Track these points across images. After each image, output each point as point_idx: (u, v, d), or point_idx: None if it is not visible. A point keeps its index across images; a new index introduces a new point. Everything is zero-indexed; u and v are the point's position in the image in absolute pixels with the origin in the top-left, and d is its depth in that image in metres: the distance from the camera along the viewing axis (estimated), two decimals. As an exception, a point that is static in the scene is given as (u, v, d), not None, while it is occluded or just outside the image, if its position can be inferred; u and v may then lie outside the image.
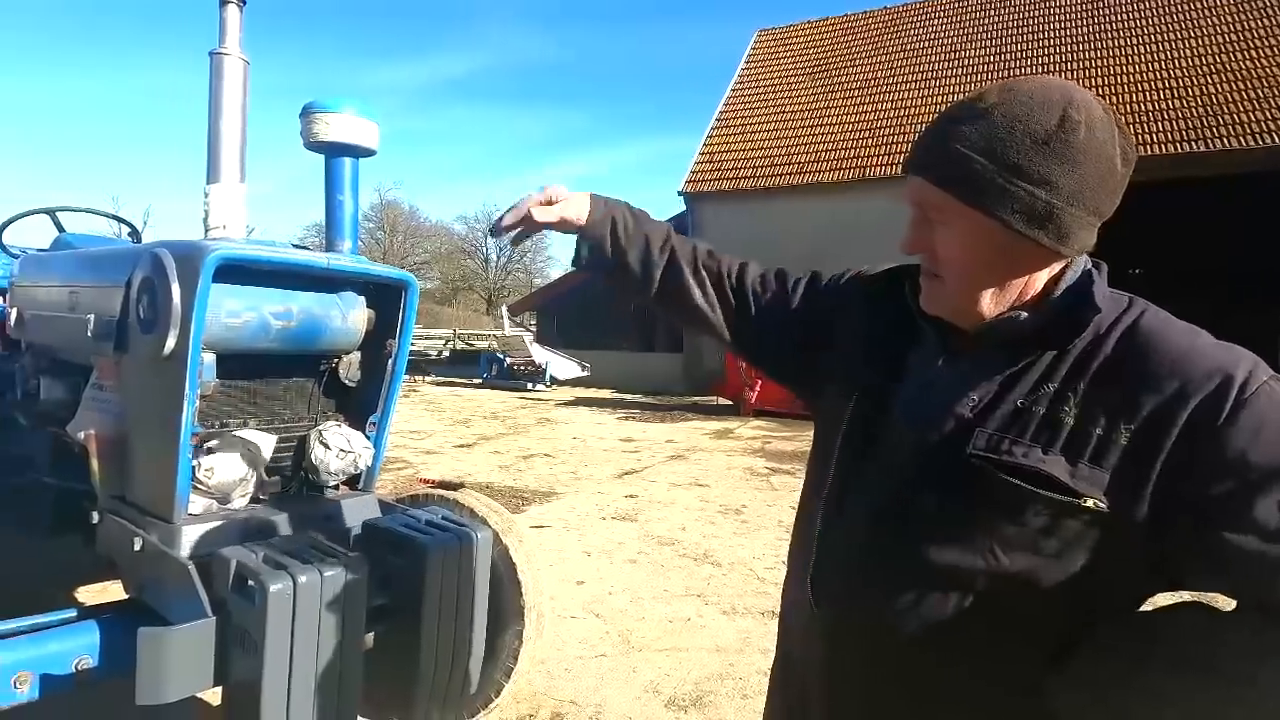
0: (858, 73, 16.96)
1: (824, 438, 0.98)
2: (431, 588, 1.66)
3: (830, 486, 0.93)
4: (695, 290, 1.09)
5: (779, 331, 1.09)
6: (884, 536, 0.85)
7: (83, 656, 1.67)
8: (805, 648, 0.96)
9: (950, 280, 0.83)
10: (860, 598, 0.87)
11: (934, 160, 0.80)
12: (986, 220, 0.77)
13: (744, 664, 3.17)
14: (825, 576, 0.92)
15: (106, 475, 1.81)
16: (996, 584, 0.77)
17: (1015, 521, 0.76)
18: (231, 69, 2.18)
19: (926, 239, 0.84)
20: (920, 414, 0.85)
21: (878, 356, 0.94)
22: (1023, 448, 0.76)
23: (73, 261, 2.17)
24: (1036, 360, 0.80)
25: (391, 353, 2.01)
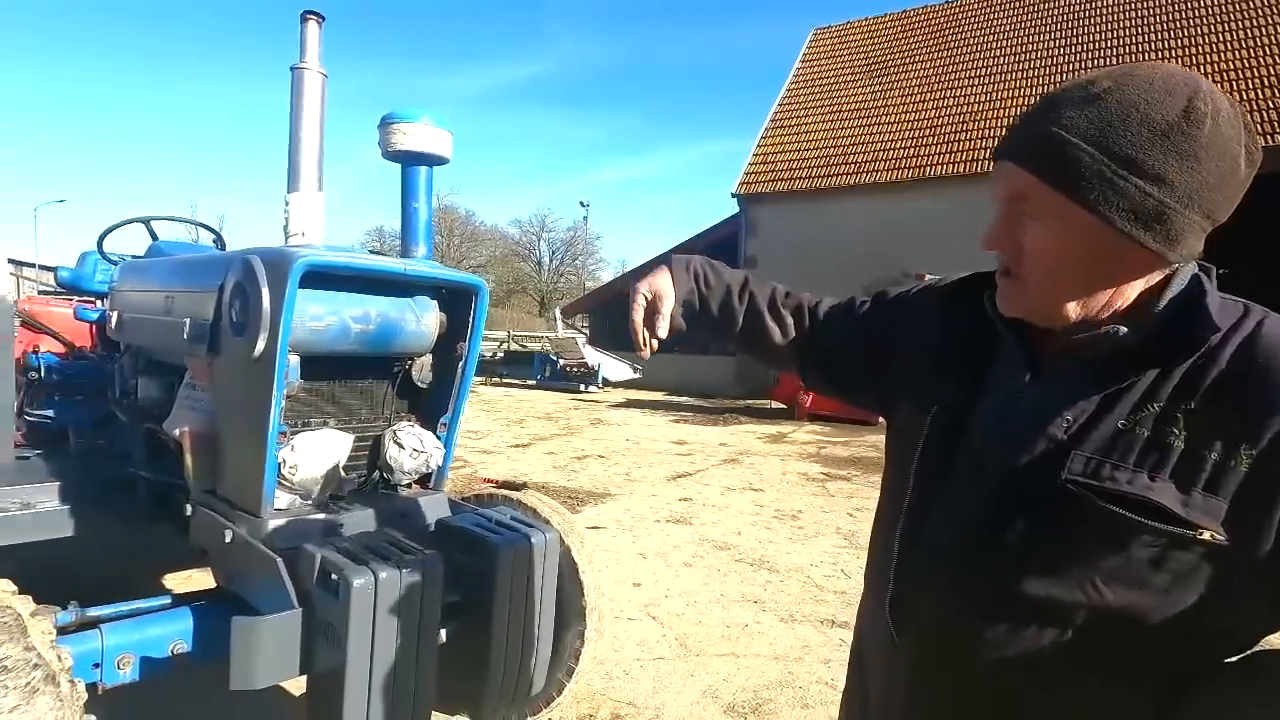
0: (917, 69, 16.54)
1: (900, 457, 0.93)
2: (502, 586, 1.69)
3: (908, 509, 0.88)
4: (775, 330, 1.10)
5: (852, 356, 1.06)
6: (971, 566, 0.80)
7: (178, 641, 1.77)
8: (885, 679, 0.91)
9: (1033, 279, 0.76)
10: (946, 630, 0.82)
11: (1033, 147, 0.73)
12: (1087, 217, 0.70)
13: (804, 673, 3.12)
14: (906, 606, 0.87)
15: (199, 470, 1.91)
16: (1097, 619, 0.72)
17: (1119, 553, 0.70)
18: (311, 82, 2.27)
19: (1012, 234, 0.76)
20: (1007, 434, 0.79)
21: (954, 371, 0.88)
22: (1126, 473, 0.70)
23: (168, 267, 2.31)
24: (1139, 378, 0.73)
25: (462, 355, 2.07)
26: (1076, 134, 0.70)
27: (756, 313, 1.10)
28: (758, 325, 1.10)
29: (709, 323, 1.12)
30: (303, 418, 1.92)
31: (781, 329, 1.10)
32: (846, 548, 4.98)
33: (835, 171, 15.18)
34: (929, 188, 14.15)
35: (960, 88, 15.44)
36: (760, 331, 1.10)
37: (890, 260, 12.65)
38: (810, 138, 16.28)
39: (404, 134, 1.91)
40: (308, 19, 2.31)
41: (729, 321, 1.11)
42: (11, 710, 1.32)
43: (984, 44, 16.14)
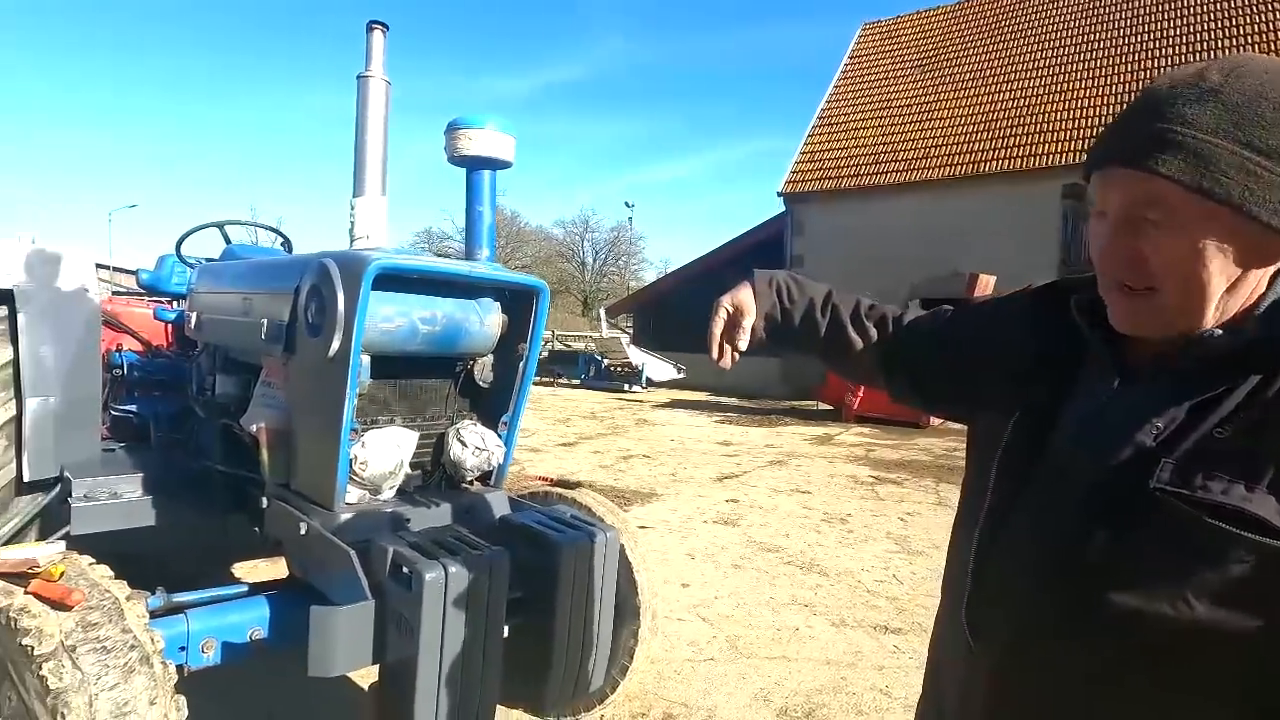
0: (971, 63, 16.09)
1: (981, 460, 0.91)
2: (564, 583, 1.72)
3: (986, 513, 0.86)
4: (857, 341, 1.10)
5: (937, 364, 1.06)
6: (1054, 573, 0.78)
7: (256, 628, 1.85)
8: (962, 687, 0.90)
9: (1174, 293, 0.72)
10: (1026, 639, 0.80)
11: (1156, 149, 0.68)
12: (1230, 216, 0.66)
13: (857, 679, 3.08)
14: (984, 612, 0.85)
15: (274, 465, 1.99)
16: (1186, 636, 0.69)
17: (1212, 567, 0.67)
18: (376, 90, 2.35)
19: (1135, 246, 0.72)
20: (1094, 441, 0.77)
21: (1039, 376, 0.86)
22: (1220, 483, 0.67)
23: (245, 270, 2.41)
24: (1236, 385, 0.70)
25: (522, 355, 2.11)
26: (1205, 130, 0.67)
27: (839, 325, 1.11)
28: (840, 337, 1.11)
29: (791, 335, 1.13)
30: (372, 415, 1.99)
31: (864, 340, 1.11)
32: (898, 552, 4.89)
33: (884, 169, 14.89)
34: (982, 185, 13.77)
35: (1016, 81, 14.96)
36: (843, 344, 1.11)
37: (941, 260, 12.34)
38: (858, 135, 16.00)
39: (470, 139, 1.96)
40: (373, 29, 2.38)
41: (811, 334, 1.12)
42: (111, 688, 1.40)
43: (1042, 35, 15.59)
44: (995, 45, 16.12)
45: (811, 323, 1.11)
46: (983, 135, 14.31)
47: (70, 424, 2.70)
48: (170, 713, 1.45)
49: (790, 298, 1.12)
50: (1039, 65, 14.97)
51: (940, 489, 6.94)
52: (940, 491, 6.83)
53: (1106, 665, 0.74)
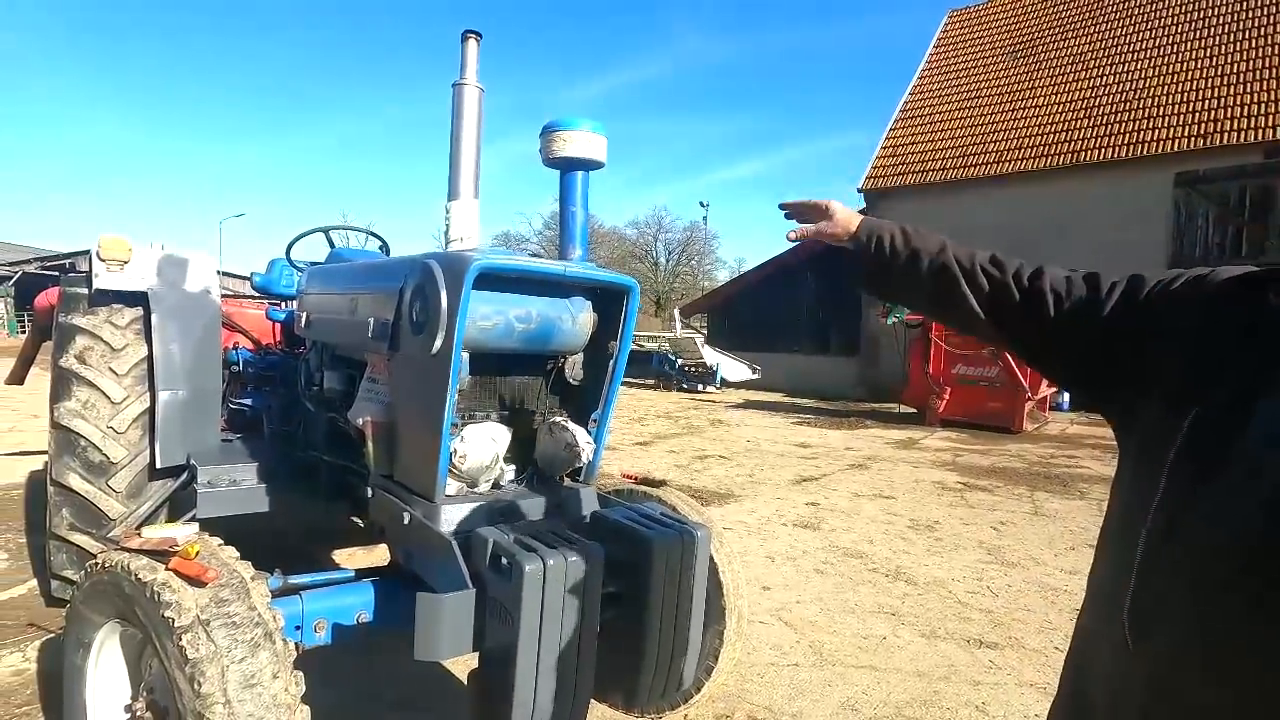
0: (1069, 46, 15.16)
1: (1144, 457, 0.87)
2: (657, 580, 1.72)
3: (1157, 511, 0.82)
4: (970, 297, 1.08)
5: (1084, 337, 0.99)
6: (1239, 574, 0.74)
7: (362, 611, 1.95)
8: (1116, 688, 0.86)
9: None
10: (1201, 640, 0.76)
11: None
12: None
13: (950, 693, 2.95)
14: (1149, 612, 0.81)
15: (378, 456, 2.09)
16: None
17: None
18: (469, 97, 2.42)
19: None
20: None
21: (1224, 371, 0.81)
22: None
23: (351, 272, 2.54)
24: None
25: (613, 354, 2.13)
26: None
27: (950, 278, 1.09)
28: (953, 292, 1.09)
29: (895, 284, 1.15)
30: (469, 411, 2.06)
31: (978, 295, 1.08)
32: (991, 563, 4.66)
33: (972, 161, 14.24)
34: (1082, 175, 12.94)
35: (1120, 64, 13.98)
36: (955, 299, 1.09)
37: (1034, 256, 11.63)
38: (944, 126, 15.36)
39: (564, 141, 1.99)
40: (468, 38, 2.46)
41: (917, 288, 1.13)
42: (240, 661, 1.51)
43: (1150, 13, 14.51)
44: (1096, 26, 15.12)
45: (916, 274, 1.12)
46: (1083, 122, 13.45)
47: (195, 416, 2.93)
48: (290, 686, 1.54)
49: (894, 246, 1.14)
50: (1146, 46, 13.94)
51: (1036, 498, 6.57)
52: (1036, 501, 6.46)
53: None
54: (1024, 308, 1.04)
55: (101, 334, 2.90)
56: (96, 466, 2.78)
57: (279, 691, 1.52)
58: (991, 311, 1.07)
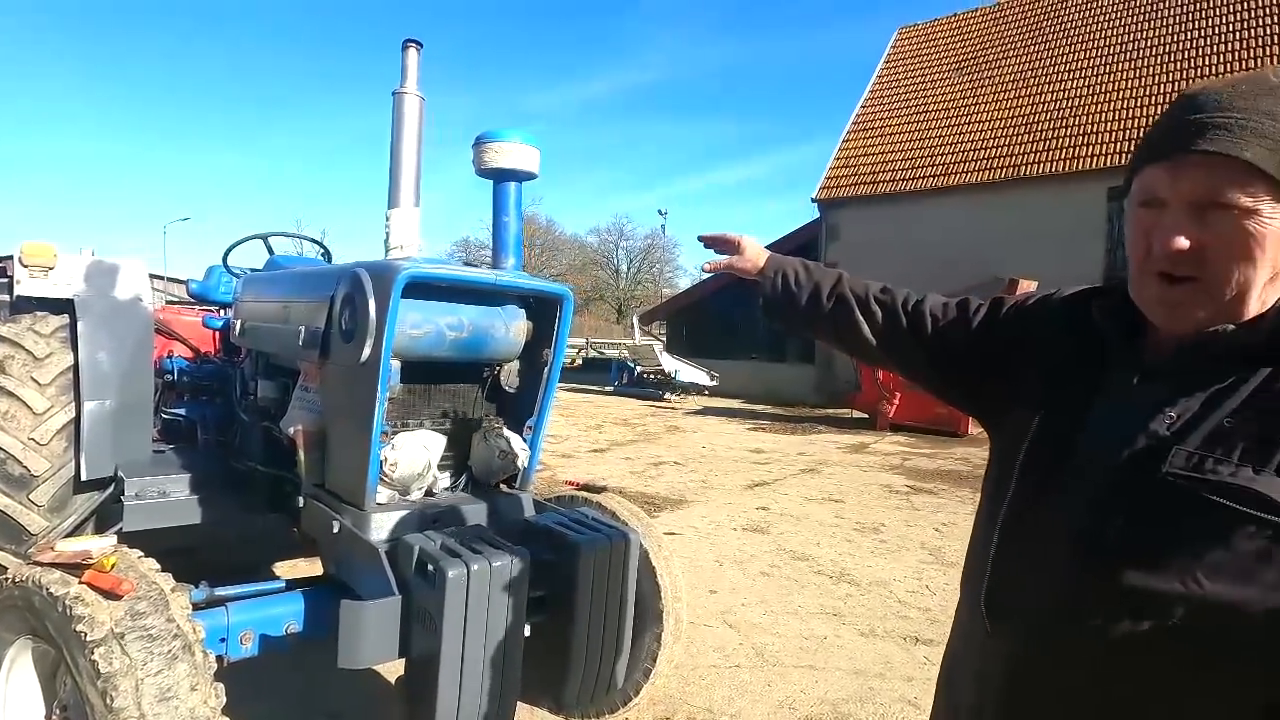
0: (1011, 65, 15.77)
1: (1003, 457, 0.96)
2: (584, 584, 1.76)
3: (1009, 506, 0.90)
4: (864, 326, 1.16)
5: (958, 353, 1.09)
6: (1072, 559, 0.81)
7: (291, 621, 1.93)
8: (979, 674, 0.93)
9: (1223, 278, 0.74)
10: (1044, 622, 0.83)
11: (1241, 137, 0.71)
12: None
13: (885, 690, 3.04)
14: (1003, 599, 0.89)
15: (310, 466, 2.08)
16: (1199, 613, 0.72)
17: (1221, 546, 0.71)
18: (410, 105, 2.43)
19: (1194, 232, 0.74)
20: (1112, 433, 0.81)
21: (1067, 377, 0.90)
22: (1230, 467, 0.71)
23: (285, 279, 2.52)
24: (1249, 375, 0.74)
25: (547, 361, 2.16)
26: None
27: (847, 309, 1.18)
28: (848, 320, 1.18)
29: (798, 315, 1.23)
30: (402, 419, 2.06)
31: (871, 324, 1.16)
32: (932, 563, 4.81)
33: (921, 174, 14.67)
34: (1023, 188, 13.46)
35: (1058, 83, 14.61)
36: (852, 328, 1.17)
37: (980, 265, 12.10)
38: (894, 139, 15.80)
39: (496, 152, 2.02)
40: (408, 46, 2.47)
41: (817, 316, 1.20)
42: (156, 674, 1.49)
43: (1085, 35, 15.21)
44: (1036, 46, 15.78)
45: (817, 306, 1.20)
46: (1024, 138, 14.00)
47: (124, 426, 2.85)
48: (210, 698, 1.52)
49: (797, 281, 1.23)
50: (1082, 66, 14.60)
51: (978, 500, 6.79)
52: (977, 503, 6.68)
53: (1122, 644, 0.77)
54: (909, 331, 1.13)
55: (23, 342, 2.80)
56: (16, 480, 2.68)
57: (197, 704, 1.51)
58: (882, 337, 1.16)
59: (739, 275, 1.32)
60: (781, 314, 1.26)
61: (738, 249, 1.31)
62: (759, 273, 1.28)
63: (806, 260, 1.28)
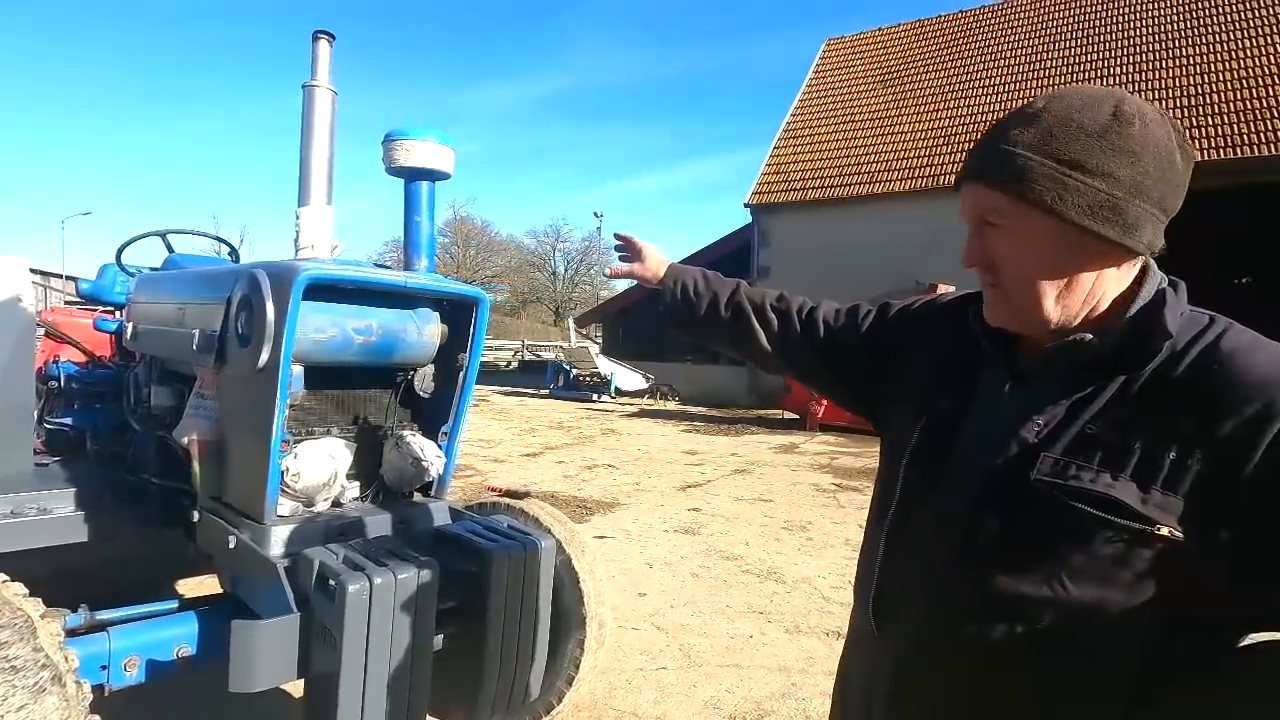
0: (931, 79, 16.51)
1: (890, 463, 0.97)
2: (496, 593, 1.72)
3: (894, 512, 0.92)
4: (760, 333, 1.18)
5: (848, 361, 1.11)
6: (949, 564, 0.83)
7: (183, 644, 1.81)
8: (868, 677, 0.95)
9: (1010, 285, 0.81)
10: (925, 626, 0.85)
11: (989, 165, 0.80)
12: (1046, 218, 0.76)
13: (808, 684, 3.11)
14: (887, 604, 0.91)
15: (206, 477, 1.96)
16: (1065, 616, 0.75)
17: (1083, 549, 0.74)
18: (321, 99, 2.33)
19: (984, 249, 0.83)
20: (986, 438, 0.84)
21: (947, 382, 0.92)
22: (1090, 473, 0.74)
23: (180, 280, 2.37)
24: (1107, 384, 0.77)
25: (463, 365, 2.10)
26: (1024, 147, 0.77)
27: (743, 317, 1.19)
28: (745, 327, 1.19)
29: (698, 323, 1.24)
30: (307, 426, 1.97)
31: (767, 331, 1.18)
32: (855, 559, 4.95)
33: (848, 181, 15.17)
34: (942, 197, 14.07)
35: (973, 97, 15.38)
36: (748, 335, 1.19)
37: (904, 270, 12.59)
38: (823, 148, 16.28)
39: (407, 150, 1.96)
40: (319, 38, 2.37)
41: (716, 324, 1.22)
42: (19, 709, 1.36)
43: (996, 53, 16.08)
44: (952, 63, 16.58)
45: (715, 314, 1.22)
46: (943, 149, 14.66)
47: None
48: (83, 732, 1.41)
49: (696, 290, 1.24)
50: (994, 83, 15.43)
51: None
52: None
53: (995, 648, 0.79)
54: (803, 337, 1.15)
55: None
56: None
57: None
58: (778, 343, 1.17)
59: (640, 282, 1.33)
60: (682, 322, 1.28)
61: (640, 256, 1.32)
62: (659, 282, 1.29)
63: (706, 270, 1.30)
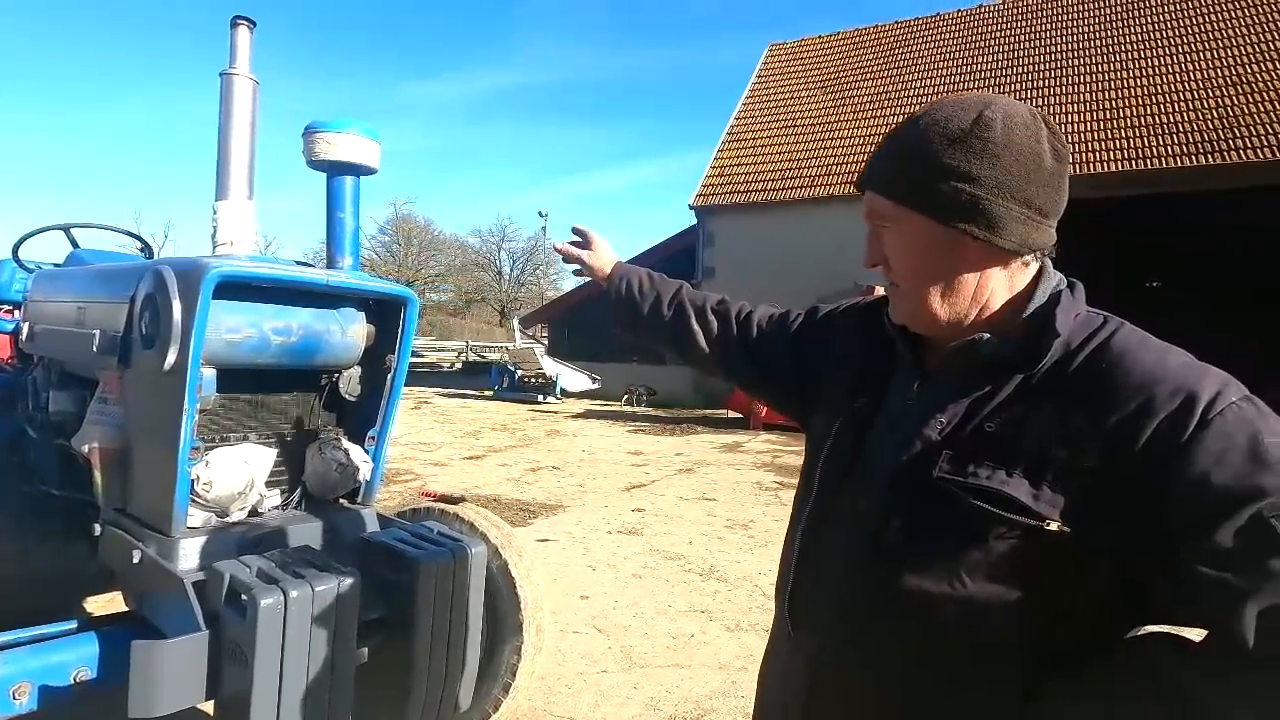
0: (869, 87, 16.99)
1: (808, 464, 0.99)
2: (424, 602, 1.66)
3: (810, 511, 0.93)
4: (700, 335, 1.20)
5: (777, 365, 1.14)
6: (858, 562, 0.84)
7: (81, 668, 1.69)
8: (785, 676, 0.95)
9: (903, 284, 0.85)
10: (836, 625, 0.86)
11: (874, 171, 0.86)
12: (920, 218, 0.80)
13: (746, 681, 3.14)
14: (801, 602, 0.91)
15: (108, 488, 1.84)
16: (964, 612, 0.76)
17: (980, 546, 0.75)
18: (241, 89, 2.22)
19: (878, 249, 0.87)
20: (894, 438, 0.85)
21: (864, 382, 0.94)
22: (987, 469, 0.75)
23: (81, 277, 2.22)
24: (1004, 383, 0.79)
25: (391, 367, 2.03)
26: (898, 153, 0.82)
27: (684, 318, 1.21)
28: (685, 328, 1.21)
29: (641, 322, 1.26)
30: (221, 432, 1.87)
31: (706, 333, 1.20)
32: (795, 556, 5.04)
33: (790, 185, 15.46)
34: (880, 202, 14.51)
35: (908, 105, 15.91)
36: (688, 337, 1.21)
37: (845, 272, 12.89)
38: (765, 151, 16.55)
39: (329, 144, 1.88)
40: (238, 24, 2.26)
41: (658, 324, 1.24)
42: (-116, 747, 1.24)
43: (930, 64, 16.69)
44: (890, 71, 17.11)
45: (658, 315, 1.24)
46: (879, 155, 15.11)
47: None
48: (-40, 769, 1.29)
49: (641, 289, 1.26)
50: (926, 91, 15.99)
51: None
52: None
53: (904, 644, 0.80)
54: (739, 339, 1.18)
55: None
56: None
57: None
58: (715, 345, 1.20)
59: (587, 274, 1.35)
60: (625, 320, 1.29)
61: (593, 247, 1.35)
62: (605, 279, 1.31)
63: (651, 271, 1.32)
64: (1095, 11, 15.52)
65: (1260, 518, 0.62)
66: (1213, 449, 0.65)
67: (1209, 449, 0.65)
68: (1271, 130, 11.38)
